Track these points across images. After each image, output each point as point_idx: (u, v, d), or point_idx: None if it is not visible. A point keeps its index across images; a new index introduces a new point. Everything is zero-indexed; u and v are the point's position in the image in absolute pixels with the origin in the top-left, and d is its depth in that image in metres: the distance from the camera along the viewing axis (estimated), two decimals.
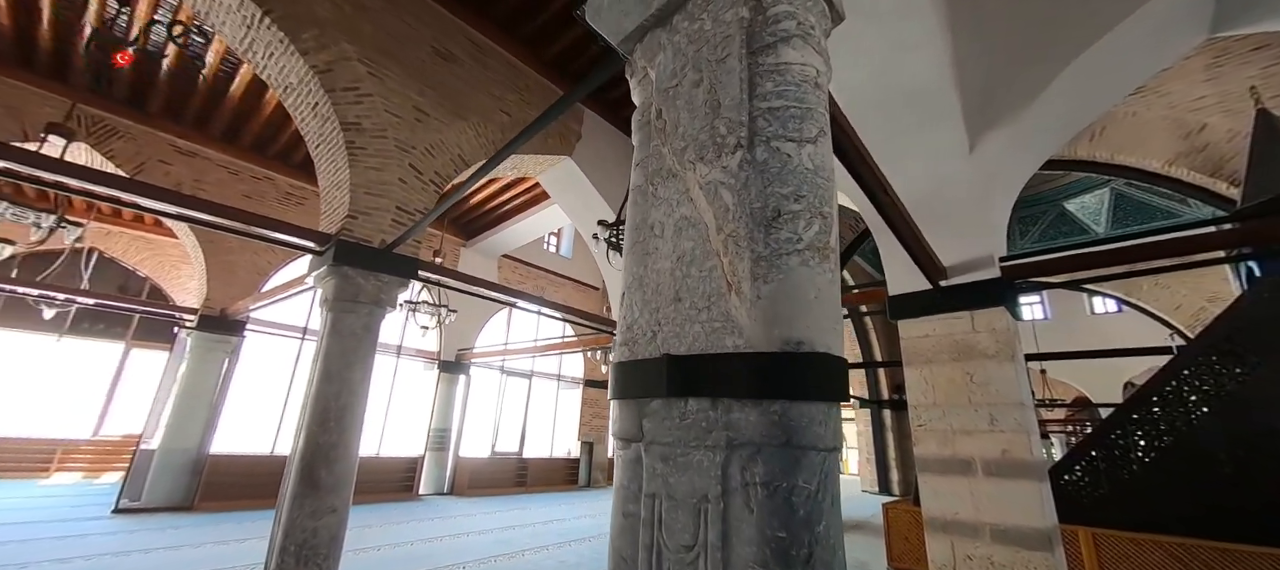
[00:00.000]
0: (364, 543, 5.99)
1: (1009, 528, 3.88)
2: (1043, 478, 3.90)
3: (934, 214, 4.72)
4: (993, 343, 4.26)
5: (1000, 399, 4.11)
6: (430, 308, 8.50)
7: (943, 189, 4.67)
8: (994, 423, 4.10)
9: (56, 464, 10.19)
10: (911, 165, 4.62)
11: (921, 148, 4.46)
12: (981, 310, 4.36)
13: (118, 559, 4.85)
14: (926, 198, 4.79)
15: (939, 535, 4.17)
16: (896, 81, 3.97)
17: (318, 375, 4.32)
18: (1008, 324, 4.26)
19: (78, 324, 10.97)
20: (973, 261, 4.43)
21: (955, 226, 4.56)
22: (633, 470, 1.22)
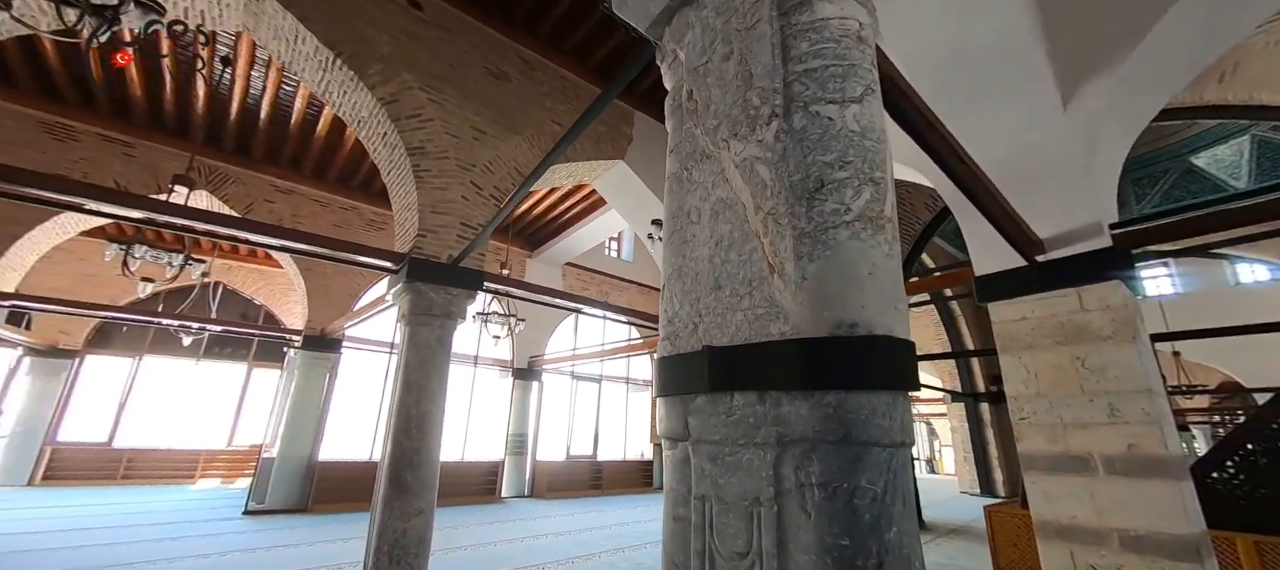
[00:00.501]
0: (452, 543, 6.32)
1: (1143, 535, 3.35)
2: (1183, 476, 3.34)
3: (1024, 182, 4.23)
4: (1108, 322, 3.72)
5: (1121, 386, 3.58)
6: (500, 318, 8.88)
7: (1032, 153, 4.17)
8: (1115, 414, 3.57)
9: (200, 471, 11.73)
10: (993, 130, 4.17)
11: (1004, 110, 4.01)
12: (1091, 285, 3.83)
13: (247, 555, 5.46)
14: (1014, 164, 4.30)
15: (1054, 542, 3.70)
16: (968, 36, 3.60)
17: (399, 385, 4.61)
18: (1125, 300, 3.70)
19: (210, 349, 12.58)
20: (1076, 231, 3.91)
21: (1052, 194, 4.06)
22: (681, 471, 1.15)
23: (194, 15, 4.48)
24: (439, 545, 6.07)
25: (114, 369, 11.51)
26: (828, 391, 0.89)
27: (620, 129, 6.93)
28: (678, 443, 1.18)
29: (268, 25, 4.64)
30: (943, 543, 7.35)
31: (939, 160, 2.58)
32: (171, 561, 5.05)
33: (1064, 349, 3.89)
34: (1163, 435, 3.41)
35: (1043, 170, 4.11)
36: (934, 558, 6.34)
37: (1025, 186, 4.18)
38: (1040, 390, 3.95)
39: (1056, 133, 4.04)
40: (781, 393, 0.94)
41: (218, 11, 4.58)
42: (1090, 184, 3.93)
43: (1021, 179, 4.22)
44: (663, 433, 1.23)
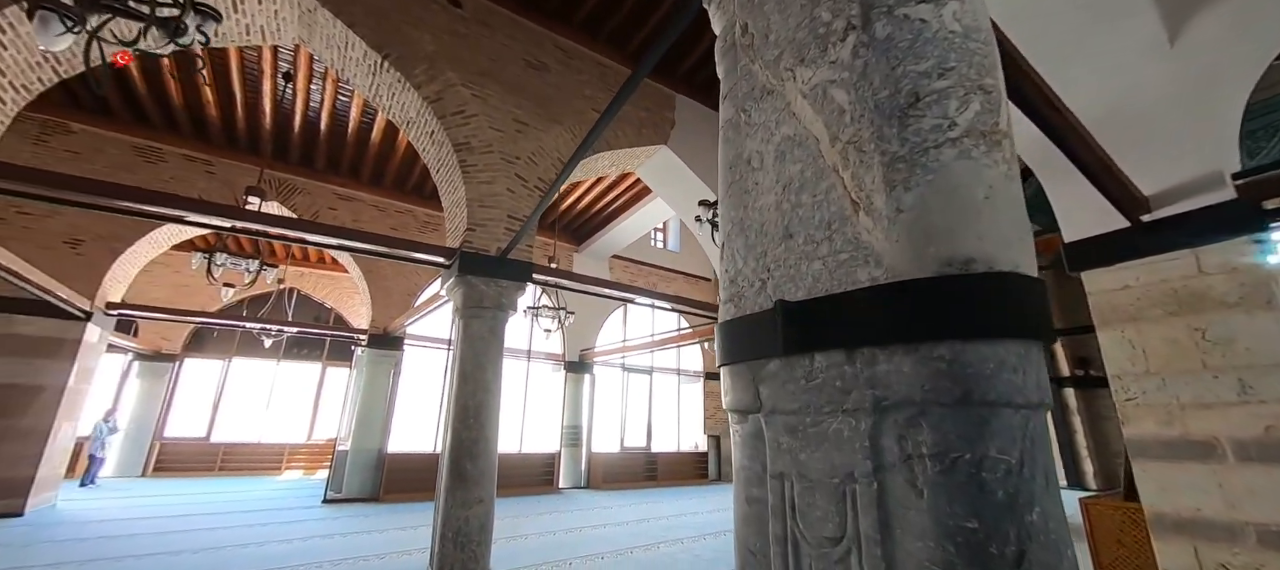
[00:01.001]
0: (515, 531, 6.45)
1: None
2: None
3: (1123, 131, 3.74)
4: (1234, 286, 3.22)
5: (1253, 360, 3.09)
6: (550, 312, 8.98)
7: (1133, 99, 3.68)
8: (1246, 392, 3.08)
9: (285, 463, 12.67)
10: (1085, 74, 3.70)
11: (1099, 50, 3.55)
12: (1211, 245, 3.33)
13: (326, 540, 5.79)
14: (1110, 113, 3.81)
15: (1173, 538, 3.26)
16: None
17: (455, 377, 4.70)
18: (1254, 260, 3.18)
19: (288, 351, 13.54)
20: (1189, 184, 3.41)
21: (1157, 144, 3.57)
22: (753, 448, 1.02)
23: (254, 32, 4.72)
24: (501, 533, 6.21)
25: (208, 371, 12.60)
26: (939, 343, 0.73)
27: (662, 114, 6.78)
28: (747, 416, 1.05)
29: (320, 34, 4.83)
30: None
31: (1027, 108, 2.27)
32: (261, 545, 5.43)
33: (1178, 319, 3.41)
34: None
35: (1146, 117, 3.61)
36: None
37: (1124, 137, 3.69)
38: (1150, 367, 3.49)
39: (1162, 73, 3.53)
40: (876, 348, 0.79)
41: (276, 26, 4.81)
42: (1207, 129, 3.42)
43: (1120, 128, 3.73)
44: (729, 406, 1.10)
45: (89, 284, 7.24)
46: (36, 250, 7.00)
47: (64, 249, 7.22)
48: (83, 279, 7.18)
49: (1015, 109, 2.29)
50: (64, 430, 7.08)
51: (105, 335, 7.80)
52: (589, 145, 2.94)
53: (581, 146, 2.93)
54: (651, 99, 6.68)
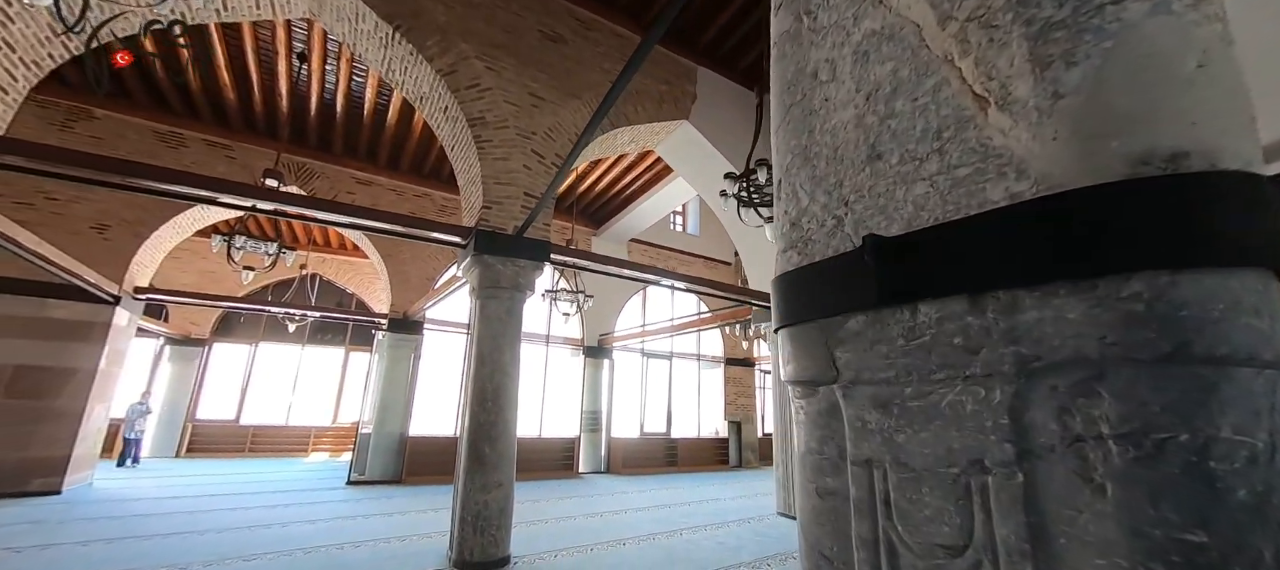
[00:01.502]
0: (535, 516, 6.39)
1: None
2: None
3: None
4: None
5: None
6: (569, 296, 8.84)
7: None
8: None
9: (312, 445, 12.93)
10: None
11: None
12: None
13: (348, 521, 5.80)
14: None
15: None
16: None
17: (473, 360, 4.58)
18: None
19: (312, 336, 13.74)
20: None
21: None
22: (825, 428, 0.81)
23: (265, 4, 4.59)
24: (522, 518, 6.15)
25: (236, 355, 12.87)
26: (1130, 275, 0.50)
27: (683, 87, 6.50)
28: (816, 388, 0.84)
29: (330, 7, 4.68)
30: None
31: None
32: (284, 526, 5.45)
33: None
34: None
35: None
36: None
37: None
38: None
39: None
40: (1021, 290, 0.57)
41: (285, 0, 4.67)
42: None
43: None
44: (791, 377, 0.89)
45: (116, 268, 7.34)
46: (66, 236, 7.11)
47: (92, 234, 7.32)
48: (110, 263, 7.28)
49: None
50: (97, 411, 7.24)
51: (134, 319, 7.93)
52: (604, 113, 2.72)
53: (597, 114, 2.71)
54: (672, 72, 6.41)
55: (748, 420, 13.80)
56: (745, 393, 14.00)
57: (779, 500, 6.87)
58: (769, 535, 5.69)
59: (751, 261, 7.65)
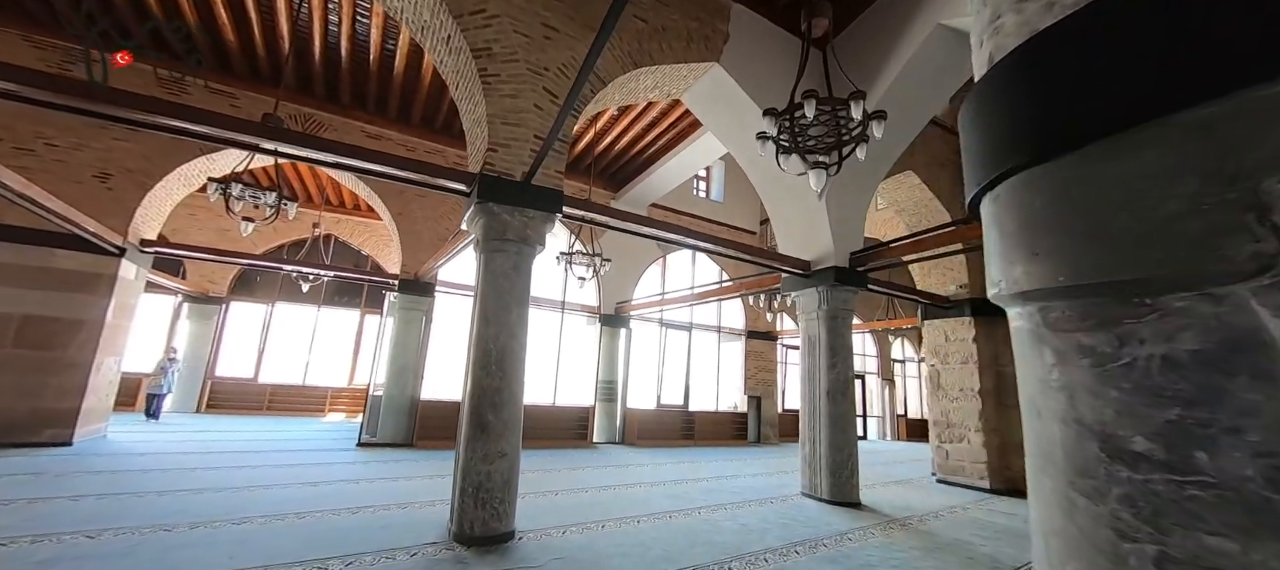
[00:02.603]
0: (545, 487, 6.09)
1: None
2: None
3: None
4: None
5: None
6: (585, 258, 8.38)
7: None
8: None
9: (328, 406, 12.96)
10: None
11: None
12: None
13: (351, 485, 5.57)
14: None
15: None
16: None
17: (476, 319, 4.17)
18: None
19: (329, 297, 13.65)
20: None
21: None
22: (1105, 379, 0.30)
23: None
24: (531, 488, 5.85)
25: (253, 314, 12.86)
26: None
27: (714, 25, 5.82)
28: (1087, 297, 0.32)
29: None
30: None
31: None
32: (285, 488, 5.24)
33: None
34: None
35: None
36: None
37: None
38: None
39: None
40: None
41: None
42: None
43: None
44: (1019, 265, 0.38)
45: (120, 219, 7.12)
46: (67, 184, 6.89)
47: (93, 183, 7.09)
48: (113, 214, 7.06)
49: None
50: (107, 364, 7.13)
51: (143, 273, 7.76)
52: (611, 28, 2.16)
53: (604, 25, 2.14)
54: (703, 7, 5.73)
55: (768, 396, 13.35)
56: (766, 367, 13.52)
57: (804, 481, 6.43)
58: (795, 519, 5.27)
59: (783, 225, 7.04)
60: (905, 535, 4.90)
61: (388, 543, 3.74)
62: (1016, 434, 7.69)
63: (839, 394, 6.29)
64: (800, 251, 6.76)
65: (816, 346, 6.49)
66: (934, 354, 8.52)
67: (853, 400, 6.40)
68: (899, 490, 7.31)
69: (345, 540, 3.75)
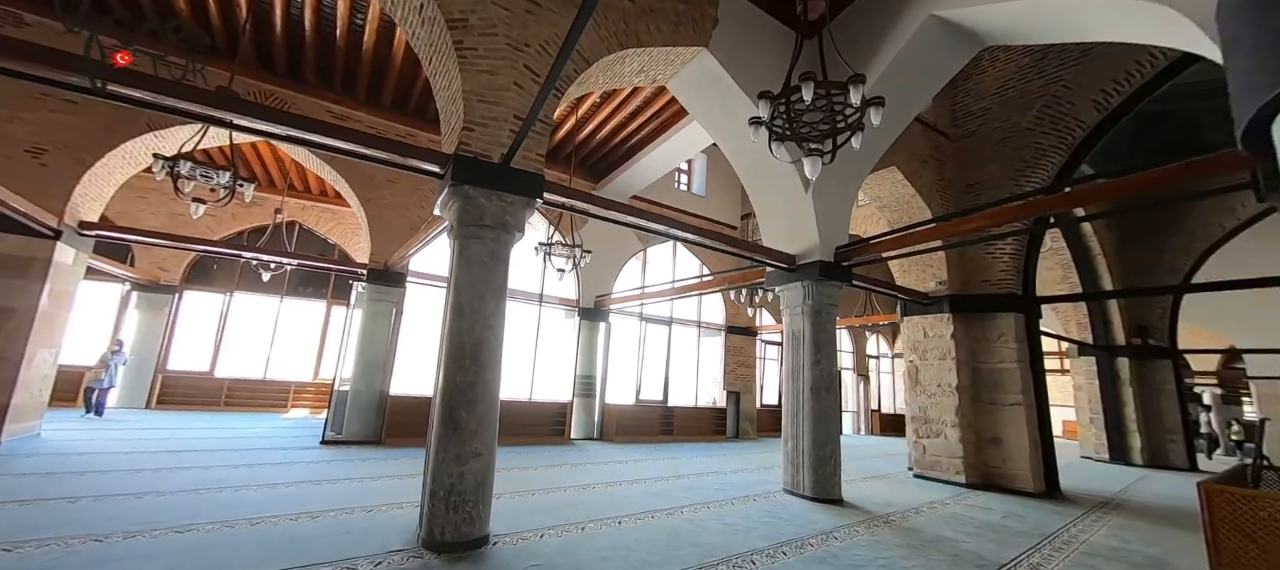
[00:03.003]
0: (522, 486, 5.84)
1: None
2: None
3: None
4: None
5: None
6: (564, 250, 8.12)
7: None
8: None
9: (291, 401, 12.36)
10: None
11: None
12: None
13: (312, 487, 5.22)
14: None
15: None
16: None
17: (450, 310, 3.90)
18: None
19: (293, 288, 13.01)
20: None
21: None
22: None
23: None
24: (507, 488, 5.59)
25: (209, 304, 12.15)
26: None
27: (703, 8, 5.63)
28: None
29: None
30: (1099, 520, 5.97)
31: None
32: (237, 490, 4.86)
33: None
34: None
35: None
36: (1101, 539, 5.04)
37: None
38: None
39: None
40: None
41: None
42: None
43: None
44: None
45: (56, 199, 6.52)
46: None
47: (26, 158, 6.48)
48: (48, 193, 6.46)
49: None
50: (40, 356, 6.55)
51: (83, 257, 7.15)
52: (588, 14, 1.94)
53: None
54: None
55: (747, 391, 13.33)
56: (745, 362, 13.49)
57: (787, 477, 6.35)
58: (779, 516, 5.16)
59: (768, 219, 6.91)
60: (890, 533, 4.84)
61: (349, 551, 3.45)
62: (991, 429, 7.79)
63: (823, 390, 6.22)
64: (785, 245, 6.65)
65: (800, 342, 6.40)
66: (913, 350, 8.56)
67: (836, 397, 6.34)
68: (878, 485, 7.31)
69: (303, 549, 3.44)
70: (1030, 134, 7.73)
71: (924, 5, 4.97)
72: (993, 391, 7.85)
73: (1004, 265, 7.89)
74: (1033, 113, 7.68)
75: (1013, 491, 7.31)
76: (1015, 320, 7.72)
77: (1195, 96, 9.06)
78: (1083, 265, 12.47)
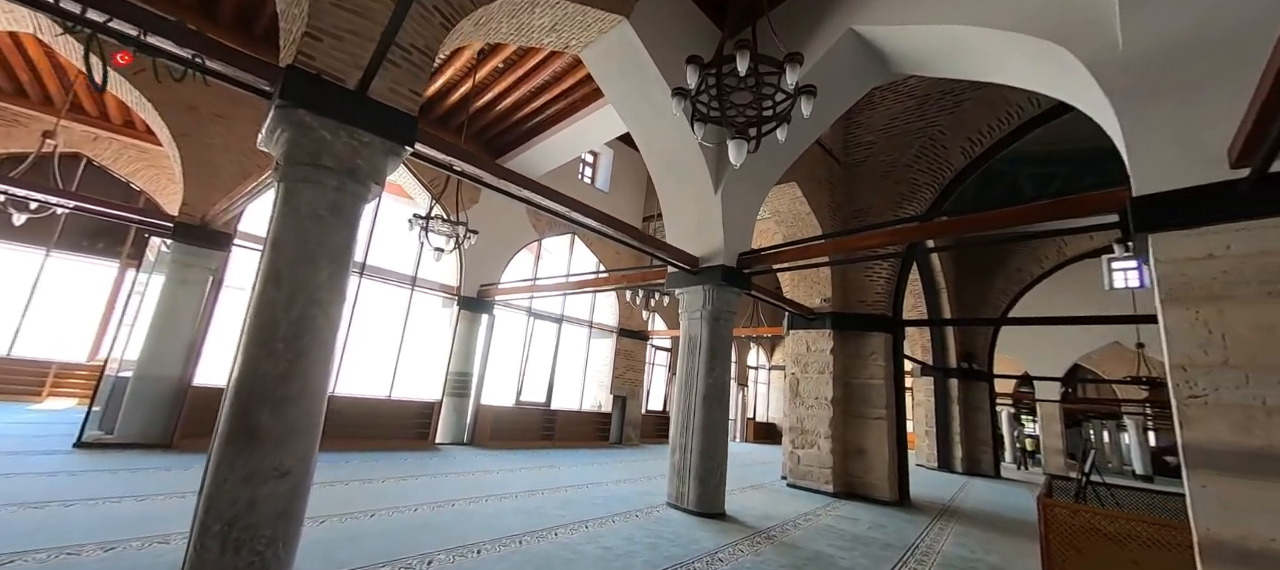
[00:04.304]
0: (358, 505, 4.76)
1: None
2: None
3: (1216, 57, 2.91)
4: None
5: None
6: (446, 226, 7.05)
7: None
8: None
9: (49, 387, 9.41)
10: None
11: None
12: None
13: (36, 510, 3.69)
14: (1197, 36, 2.97)
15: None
16: None
17: (261, 275, 2.88)
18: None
19: (72, 241, 10.00)
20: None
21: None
22: None
23: None
24: (338, 507, 4.50)
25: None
26: None
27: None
28: None
29: None
30: (944, 527, 6.48)
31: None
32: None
33: (1278, 303, 2.68)
34: None
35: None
36: (951, 548, 5.39)
37: (1217, 64, 2.88)
38: (1229, 359, 2.74)
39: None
40: None
41: None
42: None
43: (1209, 57, 2.91)
44: None
45: None
46: None
47: None
48: None
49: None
50: None
51: None
52: None
53: None
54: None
55: (634, 396, 13.05)
56: (635, 367, 13.21)
57: (671, 490, 6.01)
58: (663, 535, 4.75)
59: (675, 216, 6.59)
60: (772, 550, 4.67)
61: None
62: (858, 441, 8.26)
63: (715, 400, 6.00)
64: (690, 246, 6.37)
65: (697, 348, 6.14)
66: (795, 362, 8.85)
67: (727, 407, 6.16)
68: (756, 496, 7.33)
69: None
70: (909, 170, 8.40)
71: (845, 18, 4.98)
72: (861, 405, 8.34)
73: (879, 288, 8.46)
74: (912, 152, 8.36)
75: (872, 500, 7.78)
76: (885, 339, 8.30)
77: (1023, 162, 10.70)
78: (930, 296, 14.18)
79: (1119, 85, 3.26)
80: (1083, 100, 3.72)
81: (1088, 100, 3.65)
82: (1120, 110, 3.23)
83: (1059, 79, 3.75)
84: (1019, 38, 3.74)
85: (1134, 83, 3.20)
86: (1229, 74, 2.92)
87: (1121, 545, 4.16)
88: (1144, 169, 3.13)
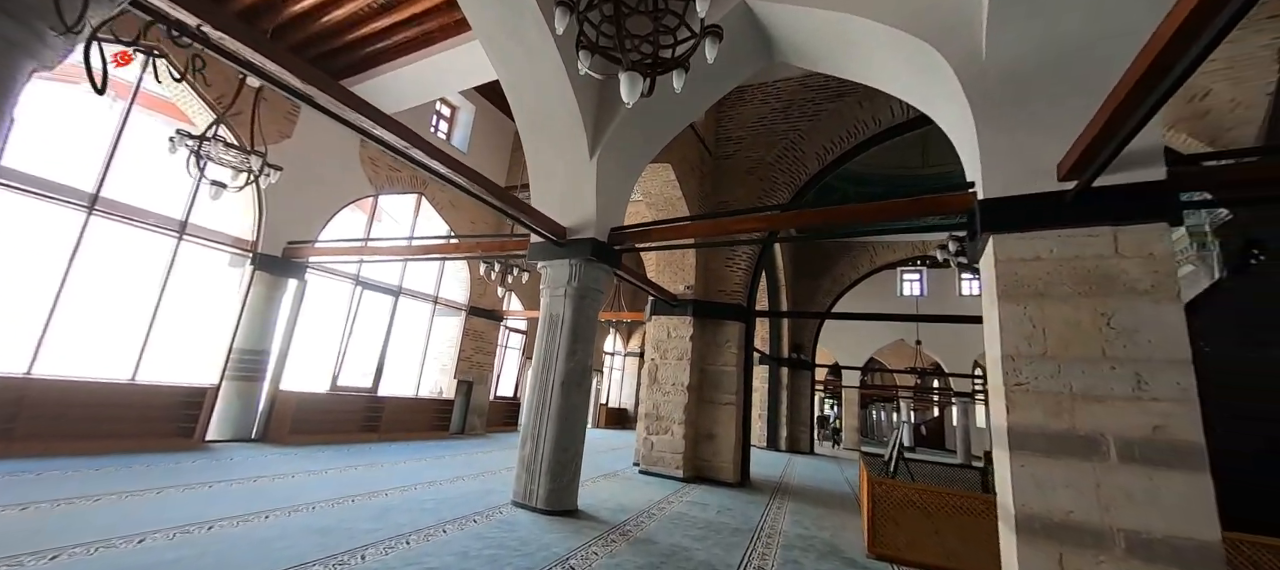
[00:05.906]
0: (59, 538, 3.18)
1: (1157, 538, 2.64)
2: (1204, 468, 2.71)
3: (1055, 81, 3.26)
4: (1146, 274, 2.92)
5: (1153, 353, 2.81)
6: (235, 154, 5.30)
7: (1075, 45, 3.21)
8: (1141, 387, 2.80)
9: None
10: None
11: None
12: (1131, 226, 2.99)
13: None
14: (1040, 59, 3.30)
15: (1037, 542, 2.84)
16: None
17: None
18: (1167, 249, 2.95)
19: None
20: (1128, 156, 3.03)
21: (1096, 100, 3.08)
22: None
23: None
24: (27, 542, 2.92)
25: None
26: None
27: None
28: None
29: None
30: (781, 506, 6.89)
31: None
32: None
33: (1086, 301, 3.02)
34: (1192, 419, 2.75)
35: (1093, 66, 3.16)
36: (789, 527, 5.65)
37: (1055, 87, 3.24)
38: (1048, 350, 3.04)
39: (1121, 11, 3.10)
40: None
41: None
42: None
43: (1048, 78, 3.26)
44: None
45: None
46: None
47: None
48: None
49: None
50: None
51: None
52: None
53: None
54: None
55: (481, 381, 11.89)
56: (485, 349, 12.04)
57: (519, 487, 5.34)
58: (506, 543, 4.08)
59: (543, 181, 5.85)
60: (626, 548, 4.32)
61: None
62: (708, 426, 8.48)
63: (573, 386, 5.46)
64: (557, 215, 5.69)
65: (558, 328, 5.52)
66: (655, 348, 8.75)
67: (587, 394, 5.66)
68: (609, 485, 7.02)
69: None
70: (771, 169, 8.82)
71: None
72: (713, 391, 8.57)
73: (738, 279, 8.76)
74: (775, 152, 8.79)
75: (718, 482, 8.03)
76: (740, 328, 8.63)
77: (850, 180, 12.15)
78: (773, 292, 15.54)
79: (977, 91, 3.48)
80: (944, 113, 3.97)
81: (947, 113, 3.90)
82: (977, 115, 3.44)
83: (928, 85, 3.95)
84: (901, 36, 3.84)
85: (989, 91, 3.44)
86: (1061, 97, 3.24)
87: (930, 515, 4.66)
88: (991, 175, 3.38)
